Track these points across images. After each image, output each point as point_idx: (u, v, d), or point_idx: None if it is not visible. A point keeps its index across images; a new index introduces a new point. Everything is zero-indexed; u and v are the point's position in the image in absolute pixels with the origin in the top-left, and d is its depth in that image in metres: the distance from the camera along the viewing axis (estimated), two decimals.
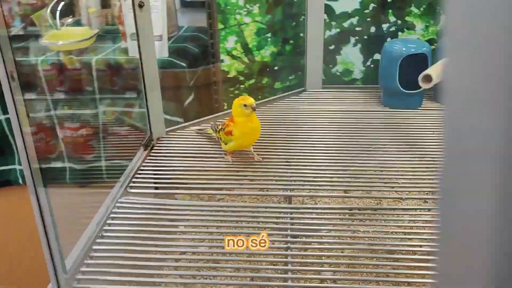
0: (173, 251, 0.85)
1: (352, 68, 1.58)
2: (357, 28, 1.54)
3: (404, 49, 1.32)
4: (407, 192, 1.01)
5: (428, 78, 0.58)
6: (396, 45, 1.34)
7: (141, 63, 1.10)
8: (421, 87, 1.35)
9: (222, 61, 1.61)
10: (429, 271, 0.78)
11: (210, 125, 1.21)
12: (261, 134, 1.13)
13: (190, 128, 1.26)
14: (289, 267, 0.78)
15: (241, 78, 1.63)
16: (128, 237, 0.85)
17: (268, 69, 1.61)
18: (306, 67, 1.47)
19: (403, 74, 1.33)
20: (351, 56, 1.57)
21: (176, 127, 1.25)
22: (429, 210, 0.98)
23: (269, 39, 1.58)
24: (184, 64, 1.59)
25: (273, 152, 1.14)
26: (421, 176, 1.04)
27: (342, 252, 0.85)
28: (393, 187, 1.03)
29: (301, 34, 1.56)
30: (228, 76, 1.63)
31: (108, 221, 0.88)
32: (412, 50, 1.31)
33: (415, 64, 1.33)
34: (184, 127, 1.26)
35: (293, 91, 1.49)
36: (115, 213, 0.91)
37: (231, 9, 1.55)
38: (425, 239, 0.87)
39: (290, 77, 1.62)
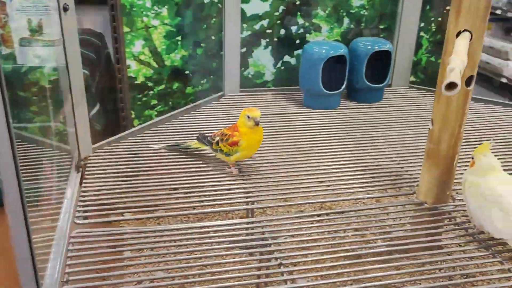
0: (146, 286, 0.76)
1: (263, 70, 1.58)
2: (268, 31, 1.54)
3: (324, 51, 1.35)
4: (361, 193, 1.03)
5: (452, 85, 0.59)
6: (316, 48, 1.37)
7: (68, 73, 0.96)
8: (340, 88, 1.41)
9: (128, 66, 1.48)
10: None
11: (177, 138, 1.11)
12: None
13: (122, 142, 1.14)
14: (289, 285, 0.75)
15: (150, 84, 1.53)
16: (95, 279, 0.74)
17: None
18: (224, 71, 1.43)
19: (323, 75, 1.37)
20: (263, 59, 1.57)
21: (102, 142, 1.12)
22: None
23: (179, 43, 1.50)
24: (85, 71, 1.43)
25: (213, 161, 1.08)
26: (355, 175, 1.06)
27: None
28: (331, 189, 1.02)
29: (213, 37, 1.51)
30: (136, 82, 1.51)
31: (68, 262, 0.75)
32: (332, 52, 1.35)
33: (334, 65, 1.38)
34: (112, 141, 1.14)
35: (212, 96, 1.43)
36: (71, 251, 0.78)
37: (138, 11, 1.43)
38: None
39: (202, 81, 1.56)
